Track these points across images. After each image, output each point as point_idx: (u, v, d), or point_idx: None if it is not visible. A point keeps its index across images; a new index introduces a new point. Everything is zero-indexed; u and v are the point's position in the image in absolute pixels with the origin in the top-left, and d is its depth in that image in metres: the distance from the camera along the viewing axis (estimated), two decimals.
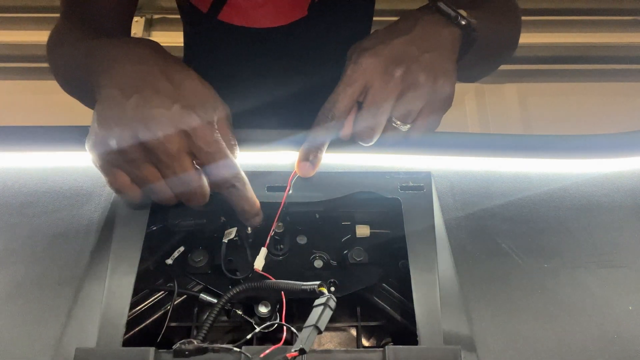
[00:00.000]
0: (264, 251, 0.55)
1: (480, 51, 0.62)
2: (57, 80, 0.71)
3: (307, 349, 0.43)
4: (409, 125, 0.56)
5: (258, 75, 0.90)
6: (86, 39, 0.63)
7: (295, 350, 0.43)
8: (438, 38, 0.56)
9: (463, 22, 0.57)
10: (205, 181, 0.50)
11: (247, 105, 0.90)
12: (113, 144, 0.48)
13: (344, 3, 0.86)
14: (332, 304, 0.47)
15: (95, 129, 0.49)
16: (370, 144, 0.57)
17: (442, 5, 0.58)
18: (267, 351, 0.45)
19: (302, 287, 0.50)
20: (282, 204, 0.55)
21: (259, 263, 0.54)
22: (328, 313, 0.46)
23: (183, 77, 0.50)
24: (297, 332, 0.46)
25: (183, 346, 0.45)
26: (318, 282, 0.49)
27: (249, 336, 0.49)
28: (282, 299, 0.52)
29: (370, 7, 0.93)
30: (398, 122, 0.56)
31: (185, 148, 0.48)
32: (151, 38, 2.06)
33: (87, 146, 0.50)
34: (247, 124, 0.61)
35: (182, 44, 0.98)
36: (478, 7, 0.64)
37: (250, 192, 0.53)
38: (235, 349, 0.45)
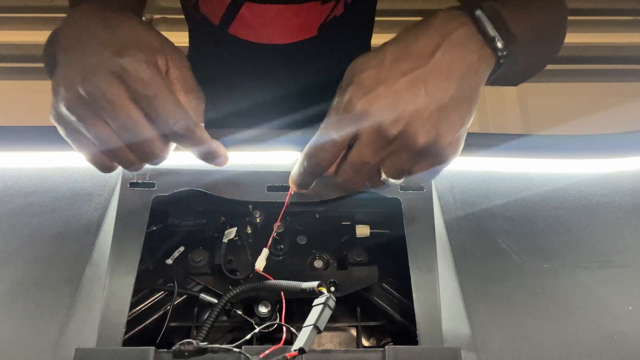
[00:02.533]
0: (265, 252, 0.55)
1: (516, 69, 0.51)
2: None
3: (306, 349, 0.43)
4: (400, 181, 0.49)
5: (265, 90, 0.90)
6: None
7: (295, 350, 0.43)
8: (461, 69, 0.45)
9: (499, 45, 0.46)
10: (154, 131, 0.45)
11: (252, 118, 0.90)
12: (63, 109, 0.45)
13: (354, 24, 0.86)
14: (332, 303, 0.47)
15: (51, 101, 0.46)
16: (353, 193, 0.51)
17: (481, 16, 0.45)
18: (267, 351, 0.45)
19: (302, 287, 0.50)
20: (285, 205, 0.55)
21: (260, 264, 0.54)
22: (327, 312, 0.46)
23: (119, 21, 0.46)
24: (296, 332, 0.46)
25: (183, 347, 0.45)
26: (318, 282, 0.49)
27: (248, 336, 0.48)
28: (282, 299, 0.52)
29: (371, 27, 0.94)
30: (386, 179, 0.48)
31: (126, 93, 0.44)
32: None
33: (51, 119, 0.47)
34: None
35: (182, 44, 0.98)
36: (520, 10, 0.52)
37: (201, 138, 0.46)
38: (235, 349, 0.45)
